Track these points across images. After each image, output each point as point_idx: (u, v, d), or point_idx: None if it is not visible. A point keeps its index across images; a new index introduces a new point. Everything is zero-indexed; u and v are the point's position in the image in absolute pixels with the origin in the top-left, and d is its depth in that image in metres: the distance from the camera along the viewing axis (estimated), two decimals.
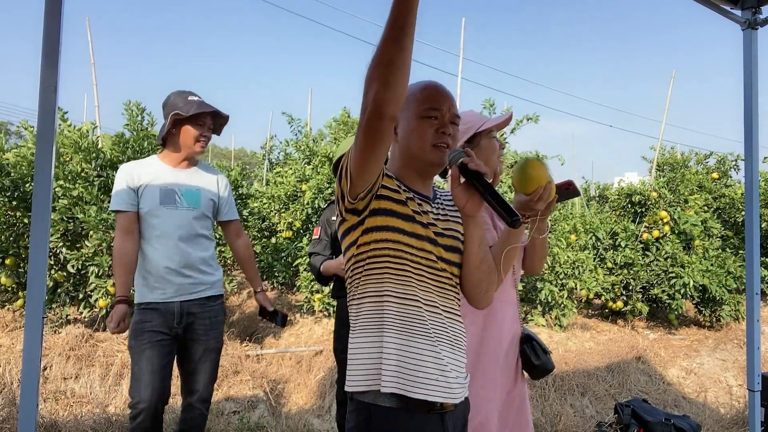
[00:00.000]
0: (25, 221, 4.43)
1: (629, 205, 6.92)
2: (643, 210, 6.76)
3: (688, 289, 6.01)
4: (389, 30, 1.02)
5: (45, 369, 3.81)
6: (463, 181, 1.26)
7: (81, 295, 4.40)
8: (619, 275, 6.28)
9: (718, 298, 6.19)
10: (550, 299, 5.44)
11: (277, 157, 9.60)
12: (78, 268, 4.21)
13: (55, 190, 4.19)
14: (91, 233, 4.13)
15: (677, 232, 6.50)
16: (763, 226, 7.71)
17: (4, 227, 4.38)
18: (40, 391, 3.48)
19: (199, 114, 2.36)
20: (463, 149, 1.28)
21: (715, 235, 6.95)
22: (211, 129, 2.46)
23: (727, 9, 2.57)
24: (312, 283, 5.14)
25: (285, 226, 6.03)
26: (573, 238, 5.91)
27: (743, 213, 7.82)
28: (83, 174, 4.46)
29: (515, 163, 5.38)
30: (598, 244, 6.29)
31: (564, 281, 5.63)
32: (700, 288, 6.19)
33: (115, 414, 3.38)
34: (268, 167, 9.68)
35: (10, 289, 4.52)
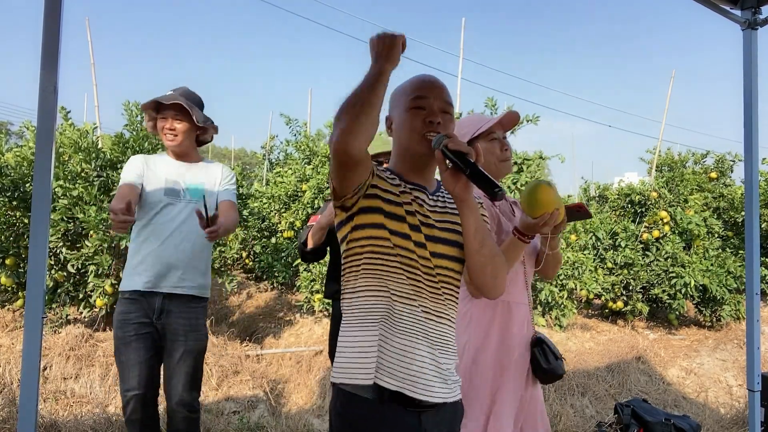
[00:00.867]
0: (25, 221, 4.43)
1: (629, 205, 6.93)
2: (643, 210, 6.76)
3: (689, 289, 6.01)
4: (362, 88, 1.14)
5: (45, 369, 3.81)
6: (450, 166, 1.24)
7: (81, 295, 4.40)
8: (619, 275, 6.28)
9: (719, 298, 6.19)
10: (550, 299, 5.44)
11: (278, 157, 9.60)
12: (78, 268, 4.22)
13: (55, 190, 4.19)
14: (91, 233, 4.13)
15: (677, 232, 6.50)
16: (763, 226, 7.71)
17: (4, 227, 4.38)
18: (40, 391, 3.48)
19: (161, 108, 2.36)
20: (445, 133, 1.26)
21: (716, 234, 6.95)
22: (179, 119, 2.35)
23: (727, 9, 2.57)
24: (312, 283, 5.14)
25: (286, 225, 6.04)
26: (573, 238, 5.91)
27: (743, 213, 7.82)
28: (83, 174, 4.46)
29: (519, 171, 5.38)
30: (598, 244, 6.29)
31: (564, 281, 5.63)
32: (701, 288, 6.19)
33: (115, 414, 3.38)
34: (268, 167, 9.68)
35: (10, 289, 4.52)
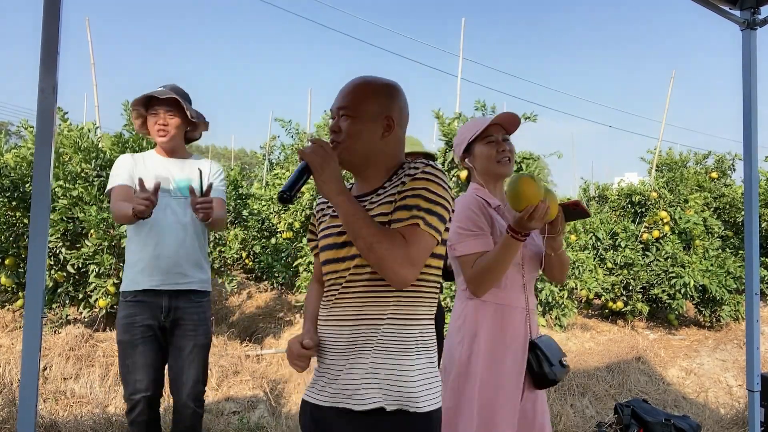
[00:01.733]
0: (24, 221, 4.43)
1: (629, 205, 6.92)
2: (643, 210, 6.76)
3: (689, 290, 6.01)
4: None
5: (45, 369, 3.81)
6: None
7: (81, 295, 4.40)
8: (619, 275, 6.28)
9: (718, 298, 6.19)
10: (550, 299, 5.43)
11: (278, 157, 9.61)
12: (78, 268, 4.22)
13: (55, 190, 4.20)
14: (91, 232, 4.13)
15: (677, 232, 6.50)
16: (763, 226, 7.71)
17: (4, 227, 4.38)
18: (40, 392, 3.49)
19: (152, 103, 2.35)
20: (309, 139, 1.30)
21: (716, 234, 6.95)
22: (171, 114, 2.35)
23: (726, 9, 2.57)
24: None
25: (285, 226, 6.04)
26: (573, 238, 5.91)
27: (743, 213, 7.81)
28: (83, 174, 4.47)
29: (519, 170, 5.37)
30: (598, 244, 6.28)
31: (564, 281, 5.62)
32: (700, 288, 6.19)
33: (115, 414, 3.38)
34: (268, 168, 9.69)
35: (10, 289, 4.52)
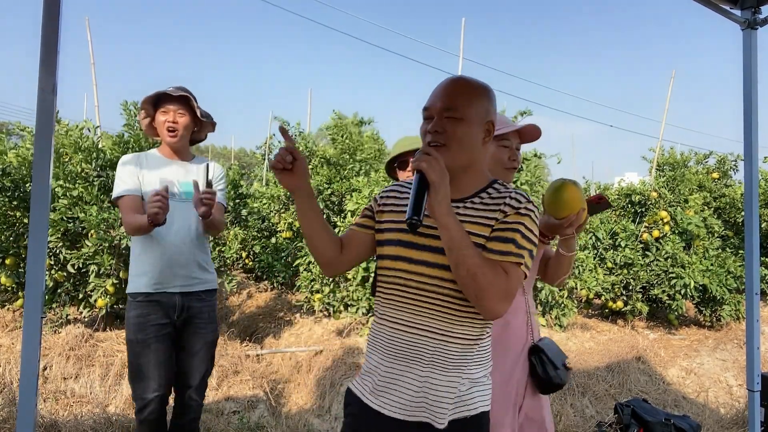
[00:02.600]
0: (25, 221, 4.43)
1: (629, 205, 6.92)
2: (643, 210, 6.76)
3: (689, 290, 6.01)
4: None
5: (45, 369, 3.81)
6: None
7: (81, 295, 4.40)
8: (619, 275, 6.28)
9: (719, 298, 6.18)
10: (550, 299, 5.43)
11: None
12: (78, 268, 4.22)
13: (55, 190, 4.20)
14: (91, 233, 4.13)
15: (677, 232, 6.50)
16: (763, 226, 7.71)
17: (4, 227, 4.38)
18: (40, 391, 3.49)
19: (162, 102, 2.35)
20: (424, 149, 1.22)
21: (716, 234, 6.94)
22: (181, 114, 2.36)
23: (727, 9, 2.57)
24: (312, 283, 5.14)
25: (285, 226, 6.04)
26: None
27: (743, 213, 7.81)
28: (83, 174, 4.46)
29: (519, 169, 5.36)
30: (598, 243, 6.28)
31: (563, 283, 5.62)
32: (701, 288, 6.19)
33: (115, 414, 3.38)
34: (268, 168, 9.68)
35: (10, 289, 4.52)
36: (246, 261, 6.96)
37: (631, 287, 6.30)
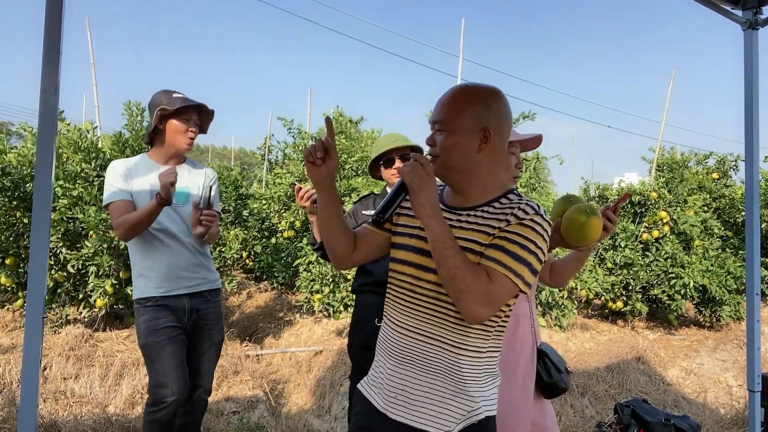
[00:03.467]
0: (25, 221, 4.43)
1: (629, 206, 6.92)
2: (643, 210, 6.76)
3: (688, 290, 6.01)
4: None
5: (45, 369, 3.81)
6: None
7: (81, 295, 4.40)
8: (618, 275, 6.28)
9: (718, 298, 6.19)
10: (549, 300, 5.44)
11: (276, 157, 9.61)
12: (78, 268, 4.21)
13: (55, 190, 4.19)
14: (91, 233, 4.12)
15: (677, 232, 6.50)
16: (763, 226, 7.71)
17: (4, 227, 4.38)
18: (40, 391, 3.48)
19: (185, 109, 2.37)
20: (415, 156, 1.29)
21: (716, 235, 6.94)
22: (197, 125, 2.46)
23: (728, 9, 2.57)
24: (312, 283, 5.14)
25: (287, 225, 6.04)
26: None
27: (743, 213, 7.81)
28: (83, 174, 4.46)
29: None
30: (598, 244, 6.28)
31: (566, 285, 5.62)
32: (700, 288, 6.19)
33: (115, 414, 3.38)
34: (268, 168, 9.68)
35: (10, 289, 4.52)
36: (246, 261, 6.96)
37: (630, 287, 6.30)
